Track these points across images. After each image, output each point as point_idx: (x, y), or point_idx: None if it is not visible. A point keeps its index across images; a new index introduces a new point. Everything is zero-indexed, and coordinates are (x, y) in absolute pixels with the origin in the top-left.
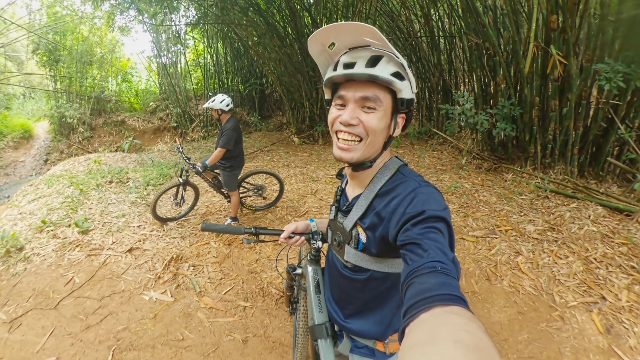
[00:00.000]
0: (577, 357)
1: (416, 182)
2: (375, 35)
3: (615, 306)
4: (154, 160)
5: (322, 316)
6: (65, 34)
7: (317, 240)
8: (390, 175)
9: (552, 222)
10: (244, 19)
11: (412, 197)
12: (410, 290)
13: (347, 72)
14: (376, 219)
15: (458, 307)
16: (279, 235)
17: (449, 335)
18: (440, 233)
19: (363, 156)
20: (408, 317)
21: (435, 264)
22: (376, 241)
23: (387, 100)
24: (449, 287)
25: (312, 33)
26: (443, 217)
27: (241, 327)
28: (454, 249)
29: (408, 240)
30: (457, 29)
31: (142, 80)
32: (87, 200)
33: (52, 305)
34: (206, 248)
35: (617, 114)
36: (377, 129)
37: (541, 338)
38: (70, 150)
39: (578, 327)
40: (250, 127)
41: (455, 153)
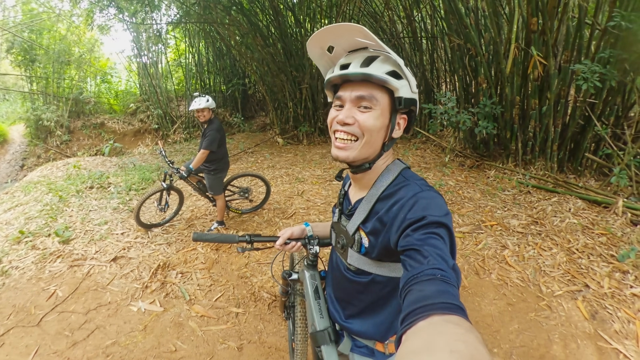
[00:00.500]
0: (566, 344)
1: (418, 187)
2: (366, 35)
3: (599, 293)
4: (135, 164)
5: (323, 322)
6: (41, 32)
7: (314, 245)
8: (392, 179)
9: (535, 216)
10: (226, 17)
11: (414, 202)
12: (408, 298)
13: (342, 72)
14: (378, 224)
15: (456, 317)
16: (274, 242)
17: (445, 345)
18: (441, 239)
19: (360, 156)
20: (405, 325)
21: (435, 271)
22: (378, 246)
23: (384, 99)
24: (448, 296)
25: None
26: (444, 223)
27: (235, 334)
28: (455, 256)
29: (408, 246)
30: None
31: (122, 81)
32: (67, 208)
33: (34, 322)
34: (193, 254)
35: (593, 112)
36: (373, 128)
37: (531, 327)
38: (47, 155)
39: (565, 315)
40: (233, 128)
41: (438, 151)
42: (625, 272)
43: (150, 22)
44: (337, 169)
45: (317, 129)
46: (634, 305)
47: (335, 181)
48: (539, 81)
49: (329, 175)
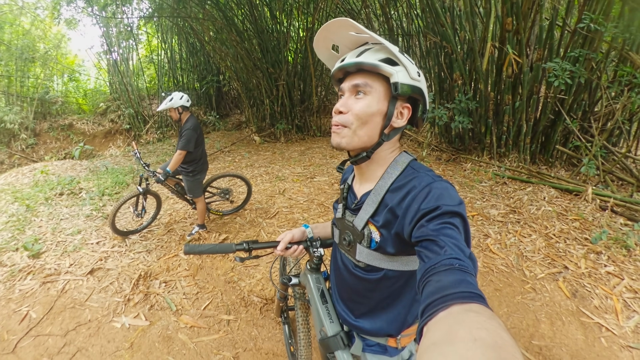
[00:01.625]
0: (552, 322)
1: (430, 177)
2: (355, 27)
3: (577, 273)
4: (107, 167)
5: (334, 326)
6: (2, 26)
7: (317, 247)
8: (401, 170)
9: (512, 206)
10: (200, 12)
11: (427, 193)
12: (427, 289)
13: (339, 64)
14: (390, 216)
15: (477, 305)
16: (275, 248)
17: (467, 334)
18: (456, 229)
19: (353, 143)
20: (426, 316)
21: (452, 260)
22: (392, 239)
23: (380, 86)
24: (467, 285)
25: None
26: (458, 212)
27: (229, 343)
28: (470, 244)
29: (423, 236)
30: (416, 29)
31: (90, 79)
32: (35, 218)
33: (9, 349)
34: (176, 261)
35: (563, 107)
36: (363, 113)
37: (519, 310)
38: (12, 161)
39: (549, 295)
40: (208, 126)
41: (414, 146)
42: (599, 253)
43: (120, 16)
44: (317, 166)
45: (294, 127)
46: (610, 283)
47: (316, 178)
48: (512, 78)
49: (310, 172)
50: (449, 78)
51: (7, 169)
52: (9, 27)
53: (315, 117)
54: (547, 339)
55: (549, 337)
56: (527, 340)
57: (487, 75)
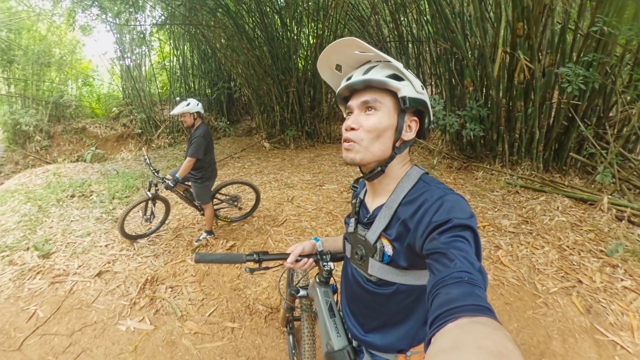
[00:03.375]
0: (565, 339)
1: (441, 190)
2: (361, 46)
3: (591, 288)
4: (118, 171)
5: (341, 340)
6: (20, 31)
7: (327, 260)
8: (413, 184)
9: (525, 216)
10: (212, 20)
11: (439, 206)
12: (436, 301)
13: (347, 83)
14: (402, 229)
15: (484, 318)
16: (284, 260)
17: (472, 342)
18: (466, 242)
19: (366, 158)
20: (434, 327)
21: (462, 274)
22: (404, 252)
23: (389, 101)
24: (476, 298)
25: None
26: (469, 226)
27: (232, 350)
28: (481, 258)
29: (434, 249)
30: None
31: (104, 84)
32: (46, 219)
33: (15, 347)
34: (183, 266)
35: (577, 113)
36: (374, 128)
37: (529, 325)
38: (26, 161)
39: (561, 311)
40: (219, 132)
41: (425, 154)
42: (615, 266)
43: (134, 23)
44: (326, 174)
45: (304, 133)
46: (626, 298)
47: (325, 186)
48: (524, 84)
49: (319, 180)
50: (459, 84)
51: (21, 169)
52: (27, 33)
53: (325, 123)
54: (559, 356)
55: (561, 354)
56: (537, 358)
57: (499, 82)
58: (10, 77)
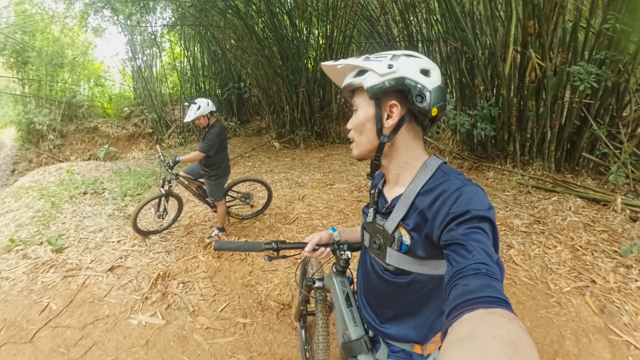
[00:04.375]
0: (578, 338)
1: (460, 181)
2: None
3: (605, 288)
4: (130, 169)
5: (358, 330)
6: (34, 34)
7: (344, 250)
8: (431, 174)
9: (536, 216)
10: (222, 21)
11: (457, 196)
12: (453, 292)
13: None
14: (420, 219)
15: (500, 309)
16: (302, 249)
17: (487, 331)
18: (484, 234)
19: (360, 152)
20: (452, 318)
21: (479, 265)
22: (422, 242)
23: (364, 96)
24: (493, 290)
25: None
26: (488, 217)
27: (243, 346)
28: (499, 250)
29: (452, 240)
30: (435, 34)
31: (115, 85)
32: (59, 214)
33: (27, 339)
34: (194, 262)
35: (589, 112)
36: (355, 125)
37: (542, 324)
38: (39, 160)
39: (575, 310)
40: (229, 132)
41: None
42: (629, 267)
43: (145, 24)
44: (336, 173)
45: (313, 133)
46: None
47: (336, 185)
48: (535, 83)
49: (329, 179)
50: (470, 84)
51: (35, 167)
52: (40, 35)
53: (334, 123)
54: (572, 356)
55: (574, 354)
56: (550, 358)
57: (510, 81)
58: (25, 77)
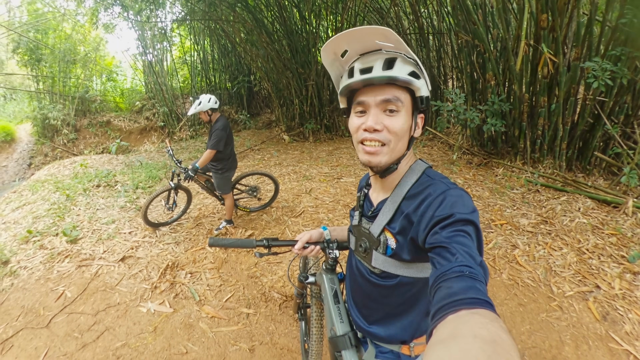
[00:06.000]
0: (577, 345)
1: (445, 185)
2: (389, 37)
3: (609, 294)
4: (142, 162)
5: (344, 326)
6: (47, 32)
7: (333, 248)
8: (417, 178)
9: (544, 215)
10: (231, 15)
11: (441, 200)
12: (438, 294)
13: (366, 76)
14: (406, 222)
15: (483, 310)
16: (292, 246)
17: (469, 332)
18: (468, 237)
19: (390, 160)
20: (435, 320)
21: (463, 268)
22: (407, 245)
23: (407, 100)
24: (476, 291)
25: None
26: (472, 221)
27: (246, 335)
28: (483, 252)
29: (436, 243)
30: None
31: (127, 79)
32: (74, 207)
33: (43, 324)
34: (202, 253)
35: (603, 110)
36: (401, 131)
37: (542, 328)
38: (54, 153)
39: (576, 316)
40: (239, 125)
41: (445, 149)
42: (636, 274)
43: (155, 20)
44: (344, 167)
45: (323, 126)
46: None
47: (343, 179)
48: (548, 78)
49: (337, 173)
50: (481, 78)
51: (50, 161)
52: (53, 33)
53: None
54: None
55: None
56: None
57: (521, 76)
58: (39, 74)
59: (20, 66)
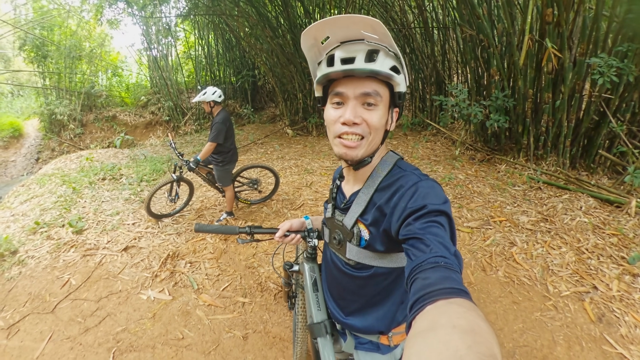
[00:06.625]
0: (570, 346)
1: (416, 176)
2: (376, 29)
3: (607, 295)
4: (146, 156)
5: (320, 314)
6: (52, 28)
7: (313, 238)
8: (388, 170)
9: (545, 213)
10: (235, 9)
11: (413, 192)
12: (414, 286)
13: (347, 67)
14: (378, 214)
15: (460, 299)
16: (274, 234)
17: (447, 322)
18: (441, 227)
19: (365, 153)
20: (414, 311)
21: (438, 259)
22: (380, 236)
23: (386, 94)
24: (452, 281)
25: (308, 26)
26: (444, 211)
27: (241, 323)
28: (456, 242)
29: (410, 235)
30: (451, 21)
31: (132, 74)
32: (80, 199)
33: (49, 309)
34: (202, 244)
35: (609, 108)
36: (379, 125)
37: (535, 327)
38: (61, 148)
39: (571, 316)
40: (243, 119)
41: (448, 144)
42: (636, 276)
43: (159, 15)
44: None
45: None
46: None
47: None
48: (553, 74)
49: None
50: (485, 73)
51: (57, 155)
52: (58, 29)
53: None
54: None
55: None
56: None
57: (526, 71)
58: (45, 71)
59: (27, 63)
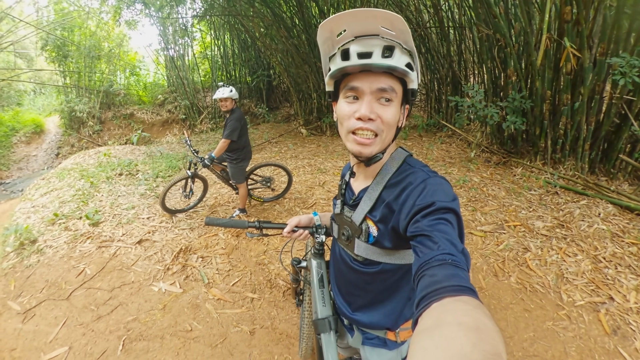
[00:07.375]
0: (582, 358)
1: (425, 173)
2: (395, 24)
3: (623, 307)
4: (162, 153)
5: (325, 310)
6: (73, 29)
7: (320, 234)
8: (397, 167)
9: (561, 219)
10: (250, 10)
11: (422, 189)
12: (421, 283)
13: (365, 62)
14: (387, 211)
15: (466, 297)
16: (282, 229)
17: (453, 319)
18: (449, 224)
19: (378, 150)
20: (420, 308)
21: (445, 256)
22: (389, 233)
23: (400, 91)
24: (459, 279)
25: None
26: (452, 208)
27: (248, 318)
28: (464, 240)
29: (418, 232)
30: (467, 20)
31: (150, 74)
32: (97, 193)
33: (64, 296)
34: (214, 239)
35: (630, 110)
36: (392, 122)
37: (547, 337)
38: (80, 144)
39: (584, 327)
40: (258, 118)
41: (464, 146)
42: None
43: (175, 16)
44: None
45: None
46: None
47: None
48: (571, 75)
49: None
50: (502, 73)
51: (76, 151)
52: (78, 30)
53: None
54: None
55: None
56: None
57: (543, 72)
58: (66, 70)
59: (48, 62)
